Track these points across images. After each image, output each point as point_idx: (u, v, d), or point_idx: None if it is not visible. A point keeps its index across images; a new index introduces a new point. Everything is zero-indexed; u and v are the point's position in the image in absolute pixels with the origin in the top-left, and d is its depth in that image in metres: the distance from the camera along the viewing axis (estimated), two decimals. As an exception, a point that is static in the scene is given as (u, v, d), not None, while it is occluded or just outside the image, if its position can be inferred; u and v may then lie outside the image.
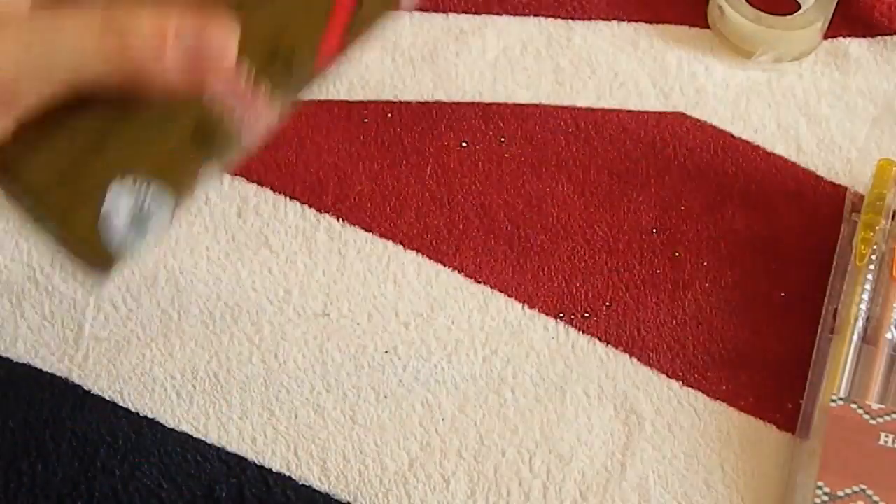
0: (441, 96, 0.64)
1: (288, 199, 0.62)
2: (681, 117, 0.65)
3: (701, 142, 0.65)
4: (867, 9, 0.69)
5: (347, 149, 0.63)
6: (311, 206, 0.62)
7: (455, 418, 0.55)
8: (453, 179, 0.63)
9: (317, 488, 0.53)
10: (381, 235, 0.61)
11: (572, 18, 0.69)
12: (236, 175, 0.62)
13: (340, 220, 0.61)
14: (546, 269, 0.61)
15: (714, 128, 0.65)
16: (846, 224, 0.62)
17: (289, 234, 0.61)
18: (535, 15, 0.69)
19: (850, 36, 0.69)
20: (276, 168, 0.63)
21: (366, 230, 0.61)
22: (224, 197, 0.61)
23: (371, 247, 0.61)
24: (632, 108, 0.66)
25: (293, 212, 0.61)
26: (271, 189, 0.62)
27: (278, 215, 0.61)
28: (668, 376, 0.58)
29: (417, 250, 0.61)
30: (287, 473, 0.53)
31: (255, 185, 0.62)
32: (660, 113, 0.66)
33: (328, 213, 0.62)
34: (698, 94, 0.67)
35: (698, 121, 0.66)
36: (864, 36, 0.69)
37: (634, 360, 0.58)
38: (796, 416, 0.57)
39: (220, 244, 0.60)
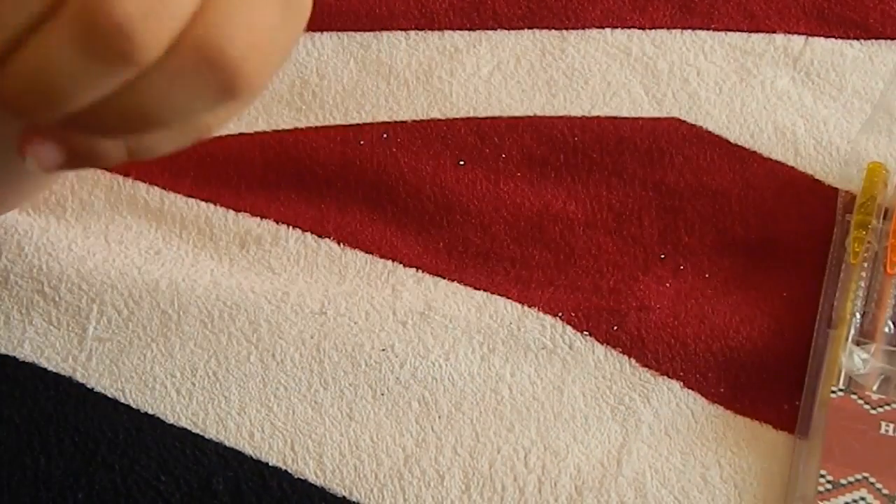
0: (436, 114, 0.69)
1: (289, 228, 0.67)
2: (676, 123, 0.70)
3: (698, 149, 0.70)
4: (862, 13, 0.75)
5: (345, 174, 0.69)
6: (312, 232, 0.67)
7: (451, 416, 0.60)
8: (451, 198, 0.68)
9: (313, 482, 0.58)
10: (382, 256, 0.66)
11: (567, 28, 0.74)
12: (239, 211, 0.68)
13: (341, 244, 0.67)
14: (549, 287, 0.65)
15: (710, 133, 0.70)
16: (838, 225, 0.66)
17: (290, 259, 0.66)
18: (530, 27, 0.74)
19: (844, 38, 0.74)
20: (277, 201, 0.68)
21: (366, 252, 0.66)
22: (227, 231, 0.67)
23: (371, 266, 0.66)
24: (626, 114, 0.70)
25: (294, 239, 0.67)
26: (273, 220, 0.67)
27: (280, 243, 0.66)
28: (669, 377, 0.62)
29: (418, 268, 0.66)
30: (283, 468, 0.58)
31: (257, 219, 0.67)
32: (655, 119, 0.70)
33: (328, 238, 0.67)
34: (691, 99, 0.71)
35: (693, 126, 0.71)
36: (859, 38, 0.74)
37: (633, 360, 0.63)
38: (793, 417, 0.61)
39: (223, 267, 0.66)
